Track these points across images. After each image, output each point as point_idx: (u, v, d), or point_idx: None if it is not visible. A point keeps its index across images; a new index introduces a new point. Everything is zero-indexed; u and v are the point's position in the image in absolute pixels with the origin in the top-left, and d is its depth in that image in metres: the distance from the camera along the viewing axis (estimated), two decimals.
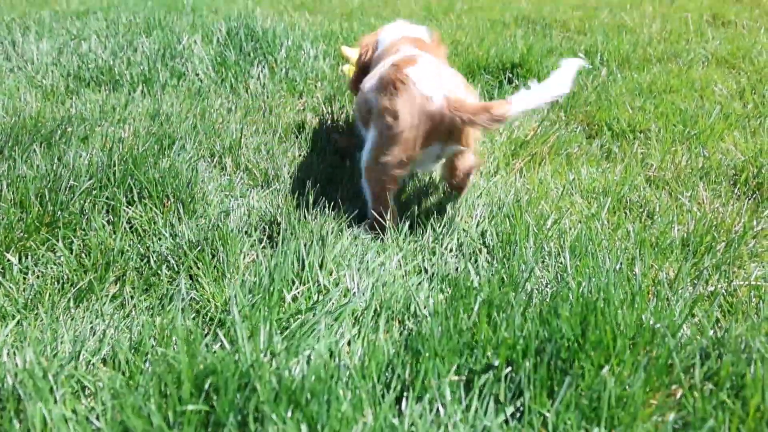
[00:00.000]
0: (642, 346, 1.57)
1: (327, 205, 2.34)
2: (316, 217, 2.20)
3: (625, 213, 2.56)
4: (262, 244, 2.11)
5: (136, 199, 2.28)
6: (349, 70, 4.03)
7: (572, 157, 3.12)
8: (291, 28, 4.51)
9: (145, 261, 2.02)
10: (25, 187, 2.21)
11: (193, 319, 1.78)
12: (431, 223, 2.33)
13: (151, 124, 2.98)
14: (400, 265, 2.08)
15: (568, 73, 2.05)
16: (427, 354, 1.52)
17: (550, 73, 2.05)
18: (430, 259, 2.11)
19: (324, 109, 3.50)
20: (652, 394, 1.48)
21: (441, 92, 2.00)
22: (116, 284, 1.93)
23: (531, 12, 5.95)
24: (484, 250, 2.15)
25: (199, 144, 2.80)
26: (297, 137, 3.08)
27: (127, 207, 2.25)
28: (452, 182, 2.34)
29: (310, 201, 2.37)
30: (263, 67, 3.87)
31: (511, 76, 4.01)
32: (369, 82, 2.19)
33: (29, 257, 1.99)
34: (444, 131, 2.01)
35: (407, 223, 2.33)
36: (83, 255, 2.04)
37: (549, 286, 1.90)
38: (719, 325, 1.76)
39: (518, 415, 1.45)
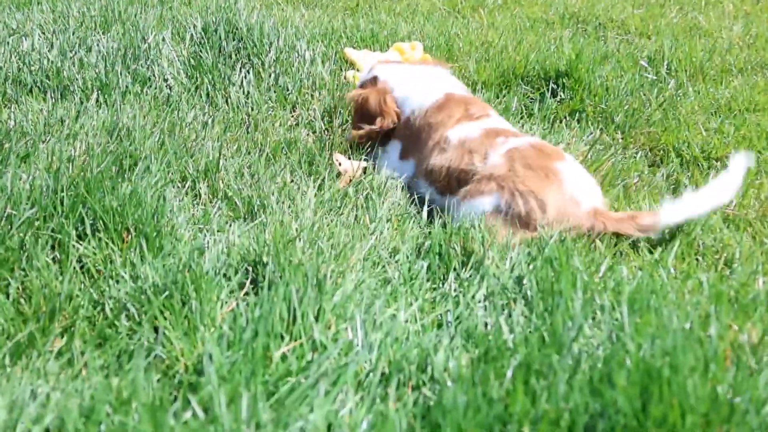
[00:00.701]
0: (717, 424, 1.60)
1: (325, 243, 2.39)
2: (311, 258, 2.26)
3: (697, 259, 2.60)
4: (245, 290, 2.16)
5: (88, 232, 2.34)
6: (354, 76, 4.14)
7: (631, 189, 3.18)
8: (282, 24, 4.62)
9: (99, 309, 2.07)
10: None
11: (159, 381, 1.82)
12: (455, 266, 2.39)
13: (109, 141, 3.06)
14: (416, 318, 2.12)
15: (735, 178, 2.55)
16: (448, 429, 1.55)
17: (711, 178, 2.45)
18: (453, 311, 2.15)
19: (322, 124, 3.58)
20: None
21: (589, 199, 2.62)
22: (63, 337, 1.98)
23: (581, 9, 6.08)
24: (521, 301, 2.19)
25: (167, 166, 2.88)
26: (288, 159, 3.16)
27: (77, 242, 2.31)
28: None
29: (304, 237, 2.42)
30: (247, 71, 3.98)
31: (555, 87, 4.10)
32: (473, 153, 2.86)
33: None
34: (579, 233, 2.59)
35: (425, 265, 2.39)
36: (22, 300, 2.09)
37: (601, 348, 1.93)
38: None
39: None
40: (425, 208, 2.87)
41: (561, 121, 3.88)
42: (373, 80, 3.42)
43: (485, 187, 2.70)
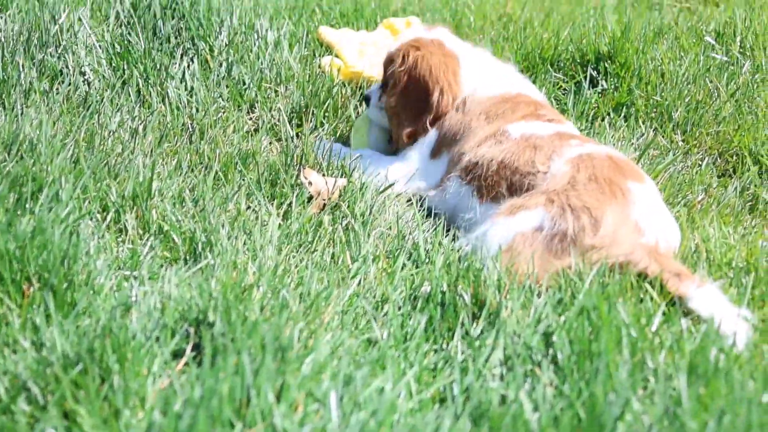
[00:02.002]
0: None
1: (292, 292, 2.38)
2: (272, 313, 2.24)
3: None
4: (184, 359, 2.15)
5: None
6: (331, 63, 4.15)
7: (694, 207, 3.19)
8: None
9: None
10: None
11: None
12: (462, 320, 2.38)
13: (6, 159, 3.06)
14: (411, 392, 2.11)
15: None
16: None
17: None
18: (460, 382, 2.14)
19: (289, 129, 3.59)
20: None
21: (657, 234, 2.72)
22: None
23: None
24: (549, 367, 2.18)
25: (83, 191, 2.87)
26: (244, 178, 3.16)
27: None
28: None
29: (264, 285, 2.41)
30: (191, 60, 3.99)
31: (595, 74, 4.12)
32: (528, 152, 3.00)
33: None
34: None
35: (423, 320, 2.37)
36: None
37: (655, 427, 1.92)
38: None
39: None
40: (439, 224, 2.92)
41: (603, 119, 3.90)
42: (437, 43, 3.46)
43: (530, 202, 2.80)
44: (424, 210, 3.23)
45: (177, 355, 2.17)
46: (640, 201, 2.76)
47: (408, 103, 3.37)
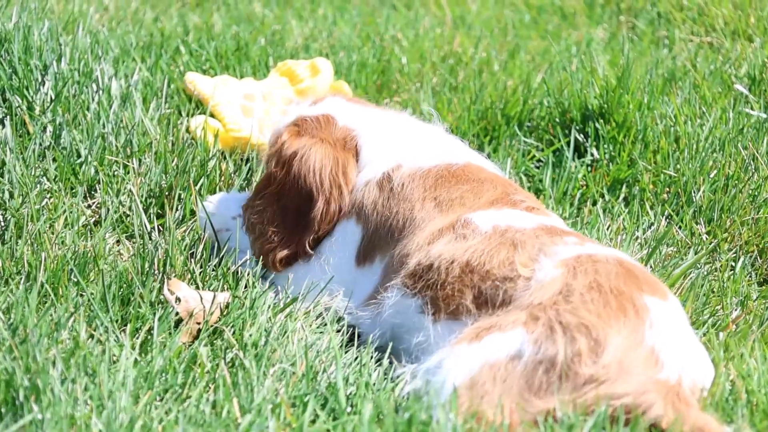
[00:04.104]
0: None
1: None
2: None
3: None
4: None
5: None
6: (204, 126, 4.17)
7: (728, 329, 3.21)
8: (68, 28, 4.68)
9: None
10: None
11: None
12: None
13: None
14: None
15: None
16: None
17: None
18: None
19: (145, 222, 3.59)
20: None
21: (679, 369, 2.74)
22: None
23: None
24: None
25: None
26: (82, 294, 3.15)
27: None
28: None
29: None
30: (1, 123, 3.98)
31: (581, 138, 4.21)
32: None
33: None
34: None
35: None
36: None
37: None
38: None
39: None
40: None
41: (594, 202, 3.98)
42: (323, 121, 3.53)
43: (505, 320, 2.80)
44: (344, 333, 3.24)
45: None
46: (658, 322, 2.77)
47: (279, 213, 3.47)
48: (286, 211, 3.43)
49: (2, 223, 3.58)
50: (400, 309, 3.13)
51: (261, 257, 3.44)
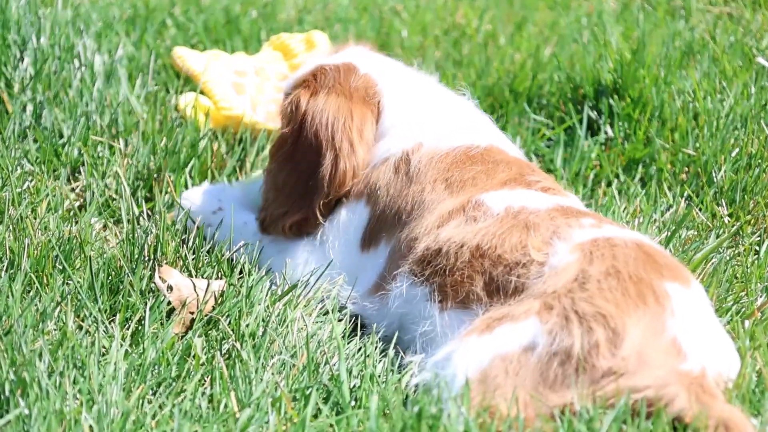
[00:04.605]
0: None
1: None
2: None
3: None
4: None
5: None
6: (195, 104, 4.16)
7: (753, 316, 3.22)
8: (47, 1, 4.68)
9: None
10: None
11: None
12: None
13: None
14: None
15: None
16: None
17: None
18: None
19: (133, 206, 3.60)
20: None
21: (703, 359, 2.73)
22: None
23: None
24: None
25: None
26: (68, 282, 3.15)
27: None
28: None
29: None
30: None
31: (594, 115, 4.22)
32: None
33: None
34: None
35: None
36: None
37: None
38: None
39: None
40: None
41: (608, 183, 4.00)
42: (345, 72, 3.51)
43: (517, 310, 2.80)
44: (347, 322, 3.25)
45: None
46: (680, 310, 2.76)
47: (293, 175, 3.46)
48: (299, 173, 3.42)
49: None
50: (407, 298, 3.13)
51: (271, 224, 3.45)
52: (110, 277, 3.21)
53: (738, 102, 4.30)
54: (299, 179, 3.42)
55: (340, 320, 3.23)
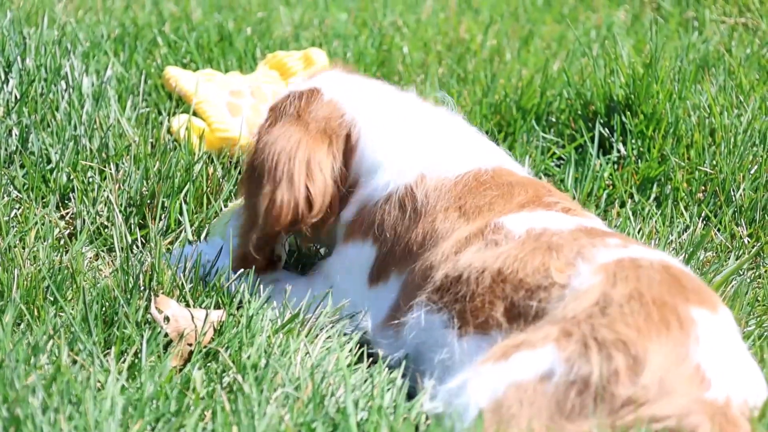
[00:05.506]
0: None
1: None
2: None
3: None
4: None
5: None
6: (188, 125, 4.16)
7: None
8: (31, 20, 4.68)
9: None
10: None
11: None
12: None
13: None
14: None
15: None
16: None
17: None
18: None
19: (126, 233, 3.60)
20: None
21: (728, 388, 2.72)
22: None
23: None
24: None
25: None
26: (60, 314, 3.15)
27: None
28: None
29: None
30: None
31: (606, 133, 4.22)
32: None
33: None
34: None
35: None
36: None
37: None
38: None
39: None
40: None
41: (621, 204, 4.00)
42: (307, 96, 3.51)
43: (534, 337, 2.79)
44: (353, 350, 3.23)
45: None
46: (705, 337, 2.75)
47: (246, 209, 3.48)
48: (249, 207, 3.44)
49: None
50: (424, 327, 3.11)
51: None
52: (104, 309, 3.20)
53: (756, 117, 4.31)
54: (249, 213, 3.44)
55: (343, 346, 3.21)
